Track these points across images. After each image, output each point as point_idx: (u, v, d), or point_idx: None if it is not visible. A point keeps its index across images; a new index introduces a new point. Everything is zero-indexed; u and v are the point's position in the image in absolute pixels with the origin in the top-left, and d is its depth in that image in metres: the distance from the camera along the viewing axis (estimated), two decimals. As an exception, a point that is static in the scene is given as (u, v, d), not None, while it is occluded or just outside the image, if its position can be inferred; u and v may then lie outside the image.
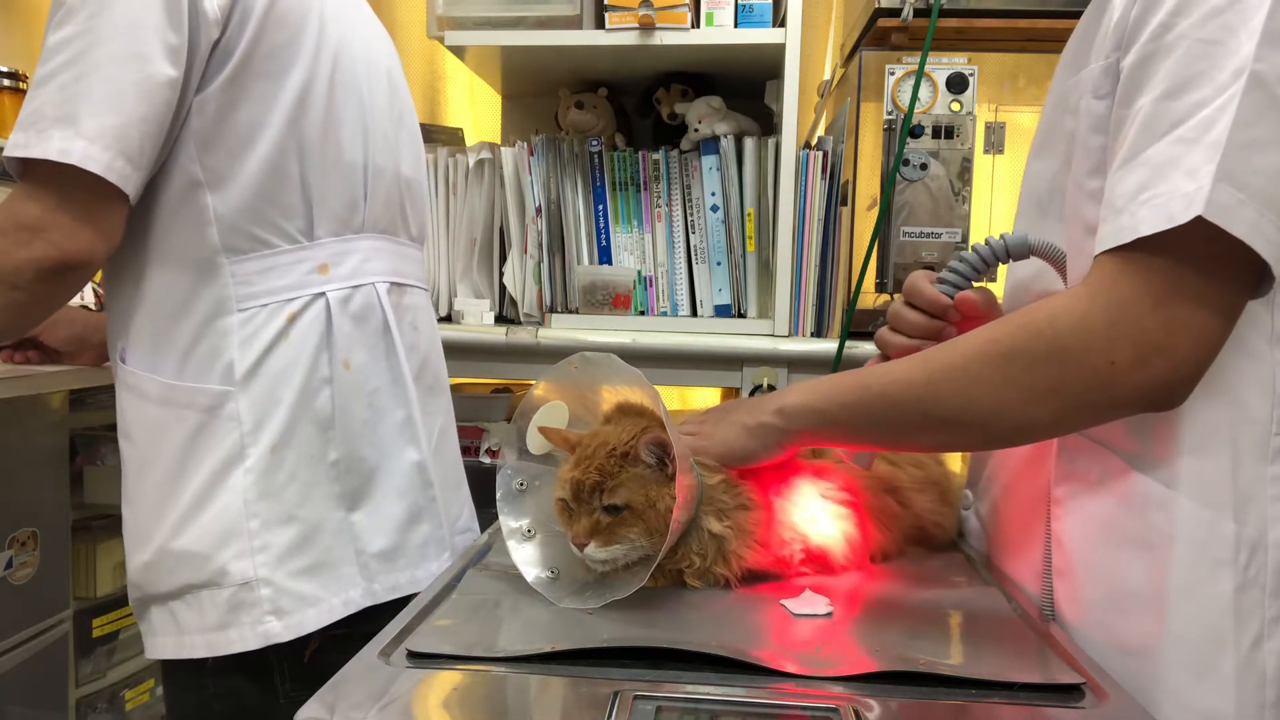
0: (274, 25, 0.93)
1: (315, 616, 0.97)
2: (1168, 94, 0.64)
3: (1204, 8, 0.64)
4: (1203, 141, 0.62)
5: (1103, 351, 0.64)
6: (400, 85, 1.17)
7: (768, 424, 0.79)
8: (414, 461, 1.08)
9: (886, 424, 0.75)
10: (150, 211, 0.94)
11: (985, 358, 0.69)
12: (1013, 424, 0.70)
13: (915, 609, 0.76)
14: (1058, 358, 0.66)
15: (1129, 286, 0.64)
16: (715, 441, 0.82)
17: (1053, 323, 0.67)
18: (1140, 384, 0.64)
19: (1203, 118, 0.62)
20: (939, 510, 0.94)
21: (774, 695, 0.60)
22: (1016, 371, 0.67)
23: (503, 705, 0.60)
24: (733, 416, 0.83)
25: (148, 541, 0.96)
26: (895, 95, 1.55)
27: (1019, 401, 0.68)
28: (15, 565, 1.36)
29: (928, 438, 0.76)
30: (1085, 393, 0.66)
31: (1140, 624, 0.71)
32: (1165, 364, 0.64)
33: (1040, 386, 0.67)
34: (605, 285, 1.69)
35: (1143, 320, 0.64)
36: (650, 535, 0.75)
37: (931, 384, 0.71)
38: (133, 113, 0.85)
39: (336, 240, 1.02)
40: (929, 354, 0.73)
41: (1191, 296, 0.63)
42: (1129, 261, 0.64)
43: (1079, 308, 0.66)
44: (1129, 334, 0.64)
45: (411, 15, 2.22)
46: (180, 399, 0.95)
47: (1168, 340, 0.64)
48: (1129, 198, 0.65)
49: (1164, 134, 0.64)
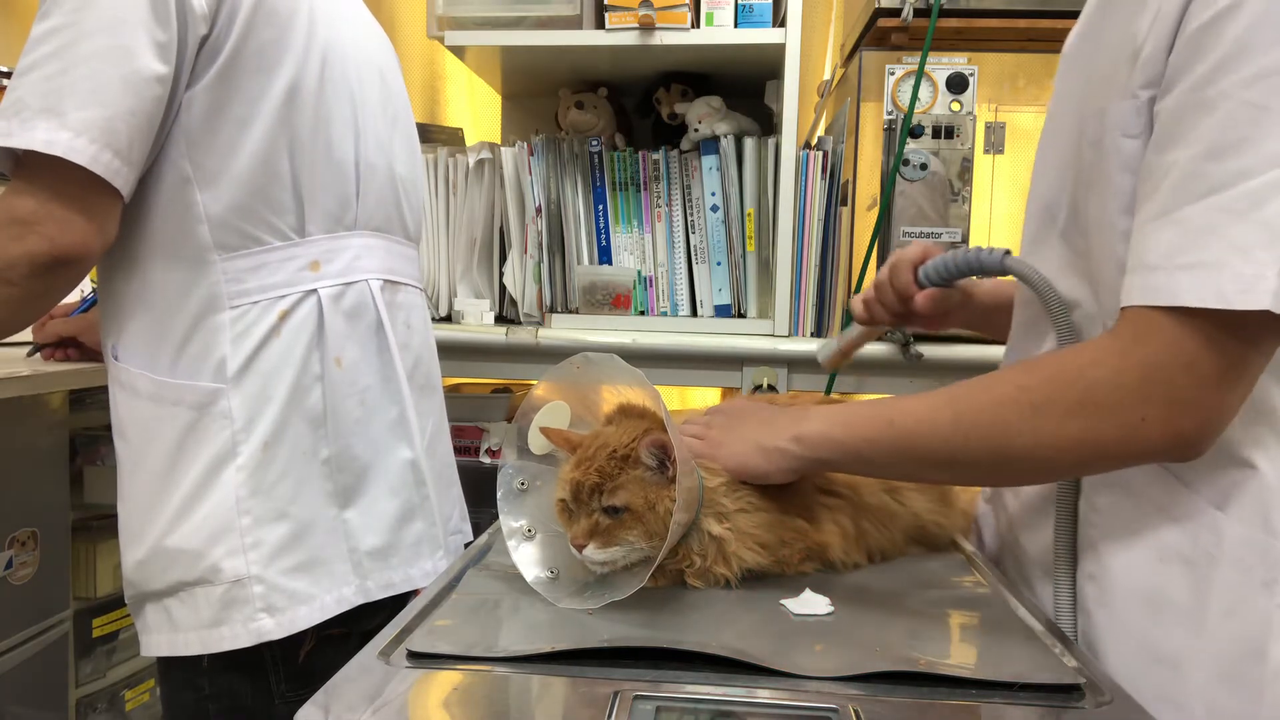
0: (262, 22, 0.93)
1: (308, 614, 0.97)
2: (1208, 155, 0.63)
3: (1253, 67, 0.61)
4: (1252, 218, 0.61)
5: (1135, 408, 0.66)
6: (395, 84, 1.17)
7: (785, 450, 0.79)
8: (407, 459, 1.08)
9: (910, 462, 0.76)
10: (141, 208, 0.94)
11: (1016, 405, 0.70)
12: (1037, 468, 0.73)
13: (915, 609, 0.76)
14: (1090, 411, 0.67)
15: (1163, 346, 0.65)
16: (725, 454, 0.81)
17: (1085, 375, 0.67)
18: (1167, 438, 0.66)
19: (1248, 190, 0.61)
20: (939, 510, 0.94)
21: (774, 695, 0.60)
22: (1047, 421, 0.68)
23: (503, 705, 0.60)
24: (745, 431, 0.82)
25: (142, 539, 0.96)
26: (895, 95, 1.55)
27: (1046, 449, 0.69)
28: (15, 565, 1.36)
29: (948, 475, 0.80)
30: (1113, 444, 0.67)
31: (1175, 635, 0.71)
32: (1193, 422, 0.65)
33: (1069, 436, 0.68)
34: (605, 285, 1.69)
35: (1175, 379, 0.64)
36: (650, 538, 0.74)
37: (959, 428, 0.72)
38: (119, 106, 0.85)
39: (328, 237, 1.02)
40: (956, 395, 0.74)
41: (1229, 360, 0.64)
42: (1164, 320, 0.64)
43: (1113, 363, 0.66)
44: (1162, 393, 0.65)
45: (411, 15, 2.22)
46: (172, 396, 0.95)
47: (1198, 399, 0.65)
48: (1163, 257, 0.64)
49: (1201, 197, 0.63)
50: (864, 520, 0.86)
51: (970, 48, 1.55)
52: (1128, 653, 0.73)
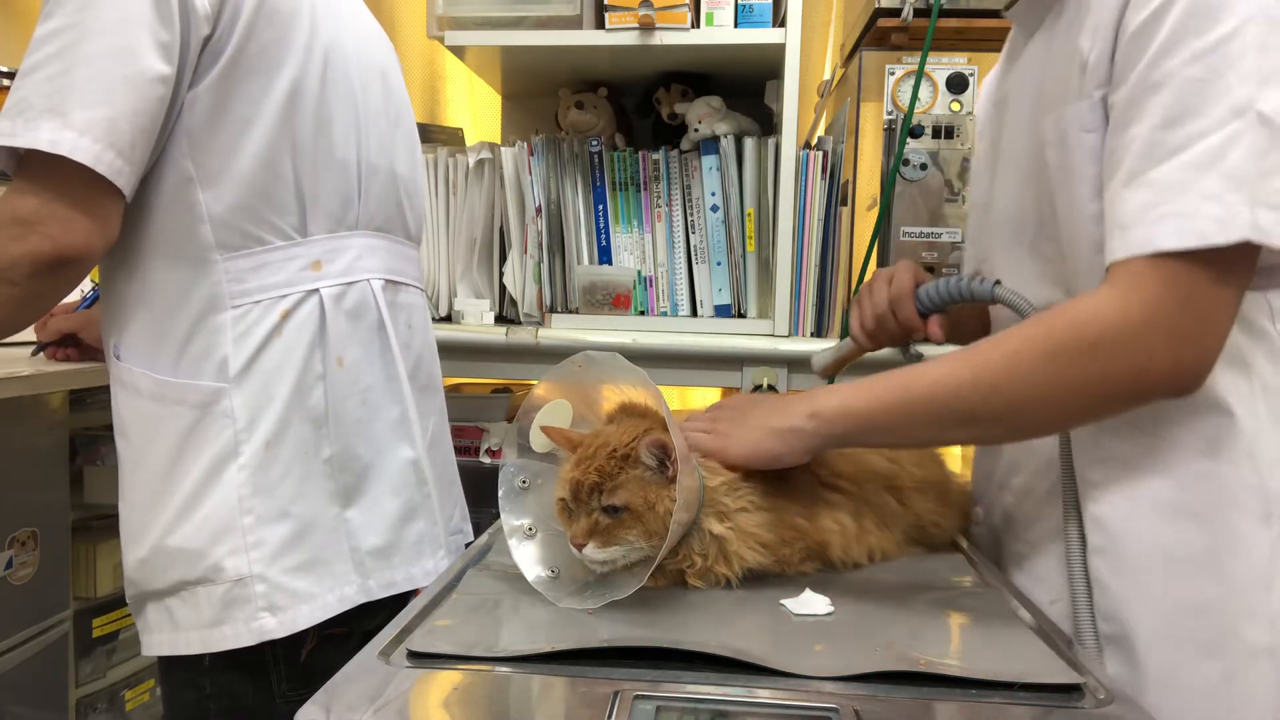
0: (264, 23, 0.94)
1: (310, 613, 0.97)
2: (1164, 125, 0.70)
3: (1190, 49, 0.70)
4: (1215, 170, 0.68)
5: (1142, 344, 0.70)
6: (396, 85, 1.17)
7: (800, 428, 0.79)
8: (408, 459, 1.08)
9: (929, 423, 0.78)
10: (143, 208, 0.94)
11: (1030, 355, 0.73)
12: (1054, 415, 0.76)
13: (915, 609, 0.76)
14: (1101, 353, 0.71)
15: (1158, 287, 0.70)
16: (736, 443, 0.81)
17: (1093, 320, 0.72)
18: (1171, 372, 0.71)
19: (1206, 147, 0.69)
20: (939, 510, 0.94)
21: (774, 695, 0.60)
22: (1060, 367, 0.72)
23: (503, 705, 0.60)
24: (755, 418, 0.82)
25: (143, 538, 0.96)
26: (895, 95, 1.55)
27: (1061, 395, 0.73)
28: (15, 565, 1.36)
29: (966, 433, 0.81)
30: (1123, 383, 0.72)
31: (1200, 584, 0.76)
32: (1193, 352, 0.71)
33: (1081, 379, 0.72)
34: (605, 285, 1.69)
35: (1174, 316, 0.70)
36: (649, 537, 0.74)
37: (976, 383, 0.75)
38: (122, 106, 0.85)
39: (330, 237, 1.02)
40: (969, 355, 0.77)
41: (1214, 293, 0.71)
42: (1153, 266, 0.70)
43: (1115, 307, 0.71)
44: (1164, 328, 0.70)
45: (411, 15, 2.22)
46: (174, 395, 0.95)
47: (1194, 330, 0.71)
48: (1138, 214, 0.71)
49: (1164, 160, 0.70)
50: (865, 519, 0.86)
51: (970, 48, 1.56)
52: (1158, 614, 0.77)
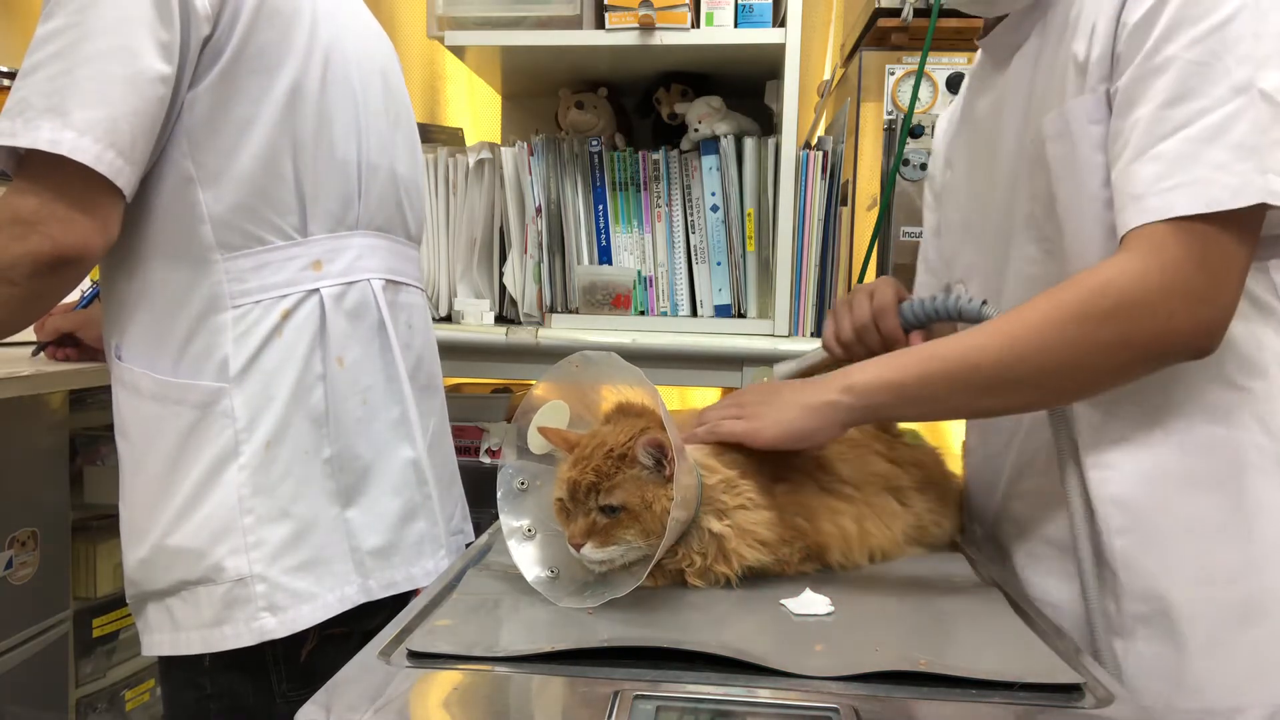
0: (265, 22, 0.94)
1: (310, 613, 0.97)
2: (1168, 104, 0.73)
3: (1189, 35, 0.73)
4: (1221, 143, 0.71)
5: (1162, 305, 0.73)
6: (396, 85, 1.17)
7: (835, 401, 0.80)
8: (409, 459, 1.08)
9: (962, 391, 0.79)
10: (144, 208, 0.94)
11: (1058, 319, 0.75)
12: (1084, 377, 0.78)
13: (915, 609, 0.76)
14: (1125, 314, 0.74)
15: (1175, 250, 0.73)
16: (769, 422, 0.81)
17: (1115, 282, 0.74)
18: (1191, 332, 0.74)
19: (1210, 122, 0.72)
20: (939, 510, 0.94)
21: (774, 695, 0.60)
22: (1087, 329, 0.74)
23: (503, 705, 0.60)
24: (786, 396, 0.83)
25: (144, 538, 0.96)
26: (895, 95, 1.55)
27: (1089, 356, 0.75)
28: (15, 565, 1.36)
29: (998, 400, 0.82)
30: (1147, 344, 0.75)
31: (1231, 551, 0.79)
32: (1210, 312, 0.74)
33: (1108, 341, 0.74)
34: (605, 285, 1.69)
35: (1192, 277, 0.73)
36: (647, 536, 0.74)
37: (1008, 348, 0.77)
38: (123, 106, 0.85)
39: (330, 237, 1.02)
40: (996, 324, 0.79)
41: (1229, 255, 0.73)
42: (1168, 230, 0.73)
43: (1135, 271, 0.74)
44: (1182, 289, 0.73)
45: (411, 15, 2.22)
46: (175, 395, 0.95)
47: (1211, 291, 0.73)
48: (1150, 184, 0.73)
49: (1170, 135, 0.73)
50: (865, 522, 0.86)
51: (970, 48, 1.55)
52: (1193, 585, 0.79)
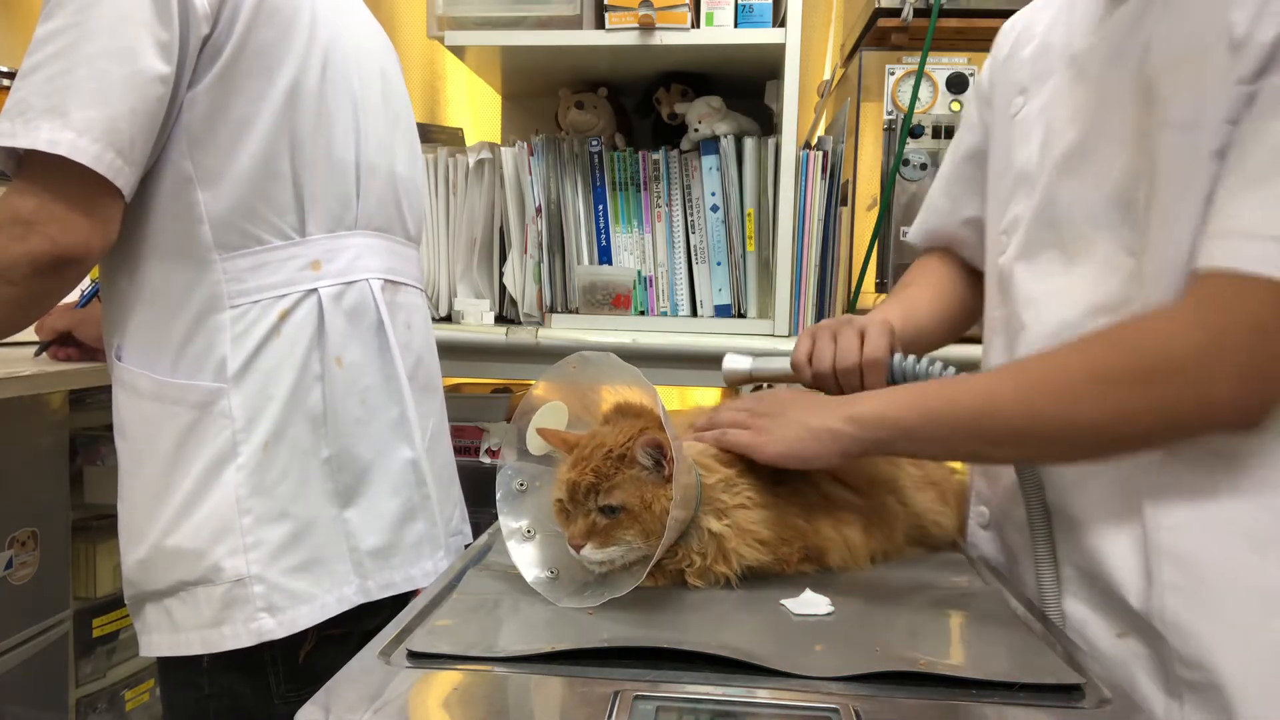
0: (264, 22, 0.94)
1: (309, 613, 0.97)
2: None
3: None
4: None
5: (1205, 375, 0.65)
6: (396, 85, 1.17)
7: (838, 430, 0.76)
8: (408, 459, 1.08)
9: (971, 439, 0.74)
10: (142, 208, 0.94)
11: (1084, 376, 0.69)
12: (1104, 442, 0.71)
13: (915, 609, 0.76)
14: (1161, 379, 0.67)
15: (1237, 313, 0.64)
16: (775, 439, 0.79)
17: (1156, 344, 0.67)
18: (1235, 406, 0.66)
19: None
20: (939, 510, 0.94)
21: (774, 695, 0.60)
22: (1117, 390, 0.68)
23: (503, 705, 0.60)
24: (794, 414, 0.80)
25: (142, 539, 0.96)
26: (895, 95, 1.55)
27: (1116, 419, 0.68)
28: (15, 565, 1.36)
29: (1012, 452, 0.76)
30: (1183, 413, 0.67)
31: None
32: (1259, 387, 0.66)
33: (1139, 405, 0.67)
34: (605, 285, 1.69)
35: (1245, 346, 0.65)
36: (646, 537, 0.74)
37: (1026, 400, 0.71)
38: (122, 106, 0.85)
39: (329, 237, 1.02)
40: (1016, 369, 0.73)
41: None
42: (1244, 287, 0.64)
43: (1182, 331, 0.66)
44: (1231, 359, 0.65)
45: (411, 15, 2.22)
46: (173, 395, 0.95)
47: (1266, 367, 0.65)
48: (1253, 225, 0.64)
49: None
50: (865, 525, 0.86)
51: (970, 48, 1.55)
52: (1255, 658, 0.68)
